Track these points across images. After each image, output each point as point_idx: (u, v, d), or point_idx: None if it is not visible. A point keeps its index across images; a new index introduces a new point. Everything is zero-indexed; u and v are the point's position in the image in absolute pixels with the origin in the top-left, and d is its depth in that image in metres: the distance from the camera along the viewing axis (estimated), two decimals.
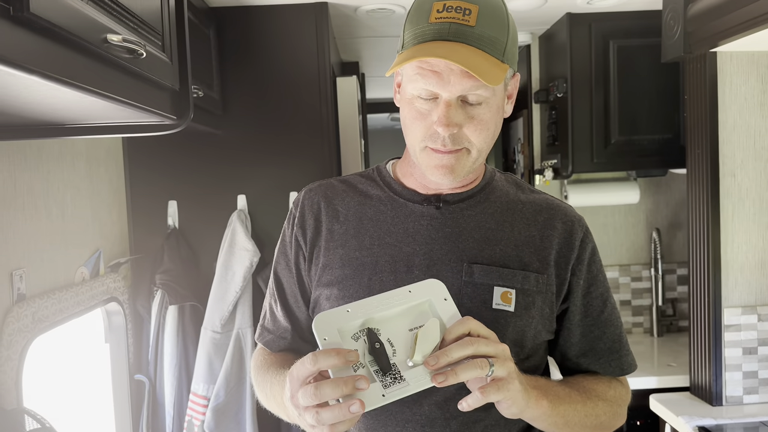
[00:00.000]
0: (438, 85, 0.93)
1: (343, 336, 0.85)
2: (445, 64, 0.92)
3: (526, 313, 1.02)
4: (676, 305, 2.83)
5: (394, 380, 0.83)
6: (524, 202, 1.10)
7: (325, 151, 2.10)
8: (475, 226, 1.05)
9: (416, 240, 1.04)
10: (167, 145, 2.07)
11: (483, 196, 1.09)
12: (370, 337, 0.85)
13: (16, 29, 0.67)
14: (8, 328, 1.30)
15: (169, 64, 1.14)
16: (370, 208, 1.09)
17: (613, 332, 1.10)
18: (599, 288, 1.09)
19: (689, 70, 2.05)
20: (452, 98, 0.94)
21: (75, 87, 0.80)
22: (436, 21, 0.93)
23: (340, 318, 0.86)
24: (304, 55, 2.09)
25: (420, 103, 0.97)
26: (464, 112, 0.95)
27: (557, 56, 2.57)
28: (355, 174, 1.17)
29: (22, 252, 1.41)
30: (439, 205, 1.06)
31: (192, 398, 1.97)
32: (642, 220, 2.85)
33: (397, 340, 0.87)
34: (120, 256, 1.97)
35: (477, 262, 1.02)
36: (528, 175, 2.91)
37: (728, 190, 1.98)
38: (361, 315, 0.86)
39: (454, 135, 0.95)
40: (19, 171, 1.42)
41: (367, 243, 1.05)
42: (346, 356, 0.80)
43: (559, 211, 1.10)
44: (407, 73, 0.98)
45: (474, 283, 1.01)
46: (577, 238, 1.08)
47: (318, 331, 0.84)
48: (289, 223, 1.13)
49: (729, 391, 2.00)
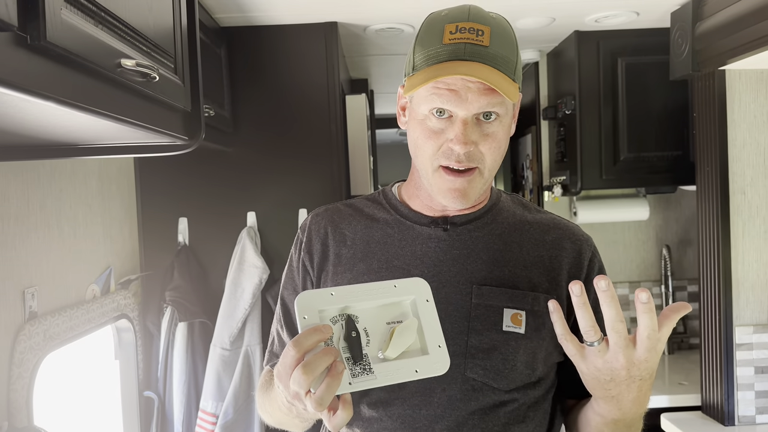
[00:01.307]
0: (456, 103, 0.94)
1: (322, 318, 0.85)
2: (462, 83, 0.93)
3: (536, 335, 1.01)
4: (686, 322, 2.81)
5: (363, 371, 0.83)
6: (531, 223, 1.10)
7: (334, 168, 2.12)
8: (483, 247, 1.05)
9: (424, 262, 1.04)
10: (178, 162, 2.09)
11: (490, 217, 1.09)
12: (348, 324, 0.86)
13: (33, 57, 0.68)
14: (20, 346, 1.31)
15: (181, 86, 1.15)
16: (378, 231, 1.09)
17: None
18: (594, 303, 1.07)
19: (698, 88, 2.05)
20: (469, 116, 0.95)
21: (89, 111, 0.81)
22: (451, 42, 0.94)
23: (322, 300, 0.86)
24: (313, 73, 2.11)
25: (433, 122, 0.97)
26: (479, 130, 0.96)
27: (565, 73, 2.58)
28: (361, 198, 1.17)
29: (35, 270, 1.42)
30: (447, 227, 1.06)
31: (201, 415, 1.97)
32: (652, 237, 2.84)
33: (373, 332, 0.87)
34: (130, 273, 1.99)
35: (486, 283, 1.02)
36: (537, 192, 2.91)
37: (738, 208, 1.97)
38: (343, 300, 0.87)
39: (470, 153, 0.96)
40: (33, 189, 1.43)
41: (375, 266, 1.05)
42: (323, 332, 0.80)
43: (567, 231, 1.10)
44: (420, 93, 0.98)
45: (484, 305, 1.01)
46: (585, 258, 1.08)
47: (299, 309, 0.84)
48: (296, 249, 1.14)
49: (741, 410, 1.98)
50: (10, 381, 1.28)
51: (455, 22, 0.95)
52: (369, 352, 0.86)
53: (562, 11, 2.16)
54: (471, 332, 0.99)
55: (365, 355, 0.85)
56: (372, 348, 0.86)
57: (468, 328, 1.00)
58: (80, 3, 0.76)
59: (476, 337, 0.99)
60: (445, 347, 0.89)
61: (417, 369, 0.87)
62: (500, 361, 0.99)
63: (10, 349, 1.29)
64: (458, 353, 0.99)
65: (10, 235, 1.33)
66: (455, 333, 0.99)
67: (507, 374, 0.99)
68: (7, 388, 1.28)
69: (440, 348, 0.88)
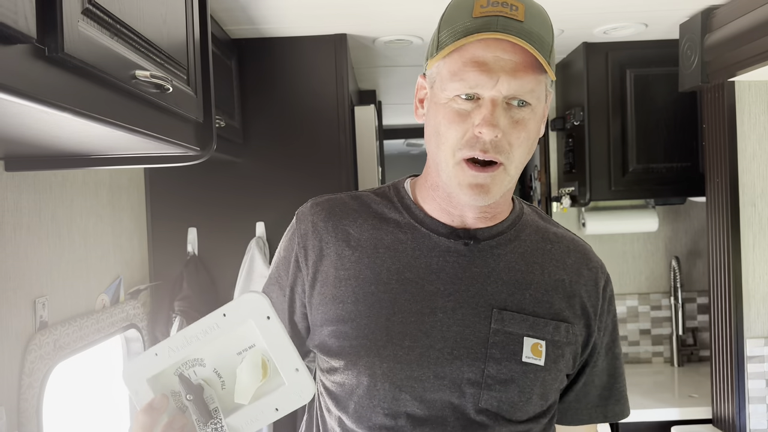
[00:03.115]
0: (486, 83, 0.85)
1: (157, 387, 0.77)
2: (494, 58, 0.85)
3: (554, 367, 0.95)
4: (696, 334, 2.79)
5: (216, 431, 0.76)
6: (553, 242, 1.02)
7: (343, 178, 2.12)
8: (505, 267, 0.96)
9: (440, 278, 0.94)
10: (188, 173, 2.09)
11: (514, 234, 0.99)
12: (183, 383, 0.76)
13: (51, 69, 0.69)
14: (30, 355, 1.32)
15: (193, 98, 1.16)
16: (387, 234, 0.97)
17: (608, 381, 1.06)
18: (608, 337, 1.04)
19: (707, 100, 2.05)
20: (499, 98, 0.86)
21: (104, 122, 0.82)
22: (482, 15, 0.85)
23: (147, 365, 0.77)
24: (323, 84, 2.12)
25: (459, 104, 0.87)
26: (508, 116, 0.87)
27: (574, 84, 2.59)
28: (369, 191, 1.05)
29: (45, 279, 1.43)
30: (469, 241, 0.96)
31: None
32: (661, 248, 2.83)
33: (225, 369, 0.78)
34: (140, 282, 1.99)
35: (507, 308, 0.94)
36: (545, 203, 2.91)
37: (749, 220, 1.96)
38: (175, 354, 0.78)
39: (497, 141, 0.86)
40: (44, 200, 1.44)
41: (384, 277, 0.95)
42: (157, 408, 0.73)
43: (584, 255, 1.03)
44: (445, 74, 0.89)
45: (504, 331, 0.93)
46: (600, 286, 1.02)
47: (127, 384, 0.76)
48: (289, 240, 1.02)
49: (753, 424, 1.96)
50: (20, 390, 1.29)
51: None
52: (224, 398, 0.77)
53: (570, 23, 2.16)
54: (489, 360, 0.92)
55: (214, 410, 0.76)
56: (228, 391, 0.77)
57: (486, 355, 0.92)
58: (97, 15, 0.77)
59: (494, 367, 0.92)
60: (304, 368, 0.77)
61: (277, 407, 0.77)
62: (516, 393, 0.93)
63: (20, 359, 1.30)
64: (474, 381, 0.91)
65: (21, 245, 1.34)
66: (471, 359, 0.92)
67: (522, 407, 0.93)
68: (18, 398, 1.28)
69: (298, 371, 0.77)
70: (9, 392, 1.26)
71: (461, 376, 0.92)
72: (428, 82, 0.94)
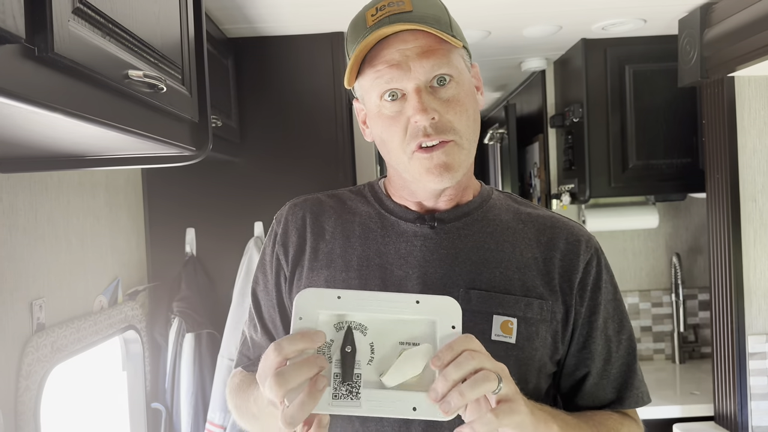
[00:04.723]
0: (400, 77, 0.89)
1: (320, 323, 0.77)
2: (400, 54, 0.89)
3: (528, 345, 0.94)
4: (698, 331, 2.78)
5: (349, 393, 0.75)
6: (525, 221, 1.01)
7: (341, 176, 2.11)
8: (473, 246, 0.97)
9: (408, 262, 0.96)
10: (185, 173, 2.09)
11: (480, 214, 1.01)
12: (347, 336, 0.76)
13: (40, 69, 0.68)
14: (27, 358, 1.31)
15: (188, 97, 1.15)
16: (359, 225, 1.01)
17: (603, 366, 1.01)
18: (599, 318, 0.99)
19: (707, 95, 2.04)
20: (420, 84, 0.89)
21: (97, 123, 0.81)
22: (374, 22, 0.90)
23: (326, 301, 0.77)
24: (320, 83, 2.11)
25: (388, 108, 0.92)
26: (437, 98, 0.90)
27: (573, 81, 2.57)
28: (345, 189, 1.10)
29: (42, 281, 1.42)
30: (434, 224, 0.98)
31: (208, 427, 1.96)
32: (661, 245, 2.82)
33: (380, 349, 0.77)
34: (138, 283, 1.98)
35: (475, 287, 0.94)
36: (545, 200, 2.90)
37: (749, 216, 1.95)
38: (351, 306, 0.78)
39: (436, 123, 0.89)
40: (40, 201, 1.44)
41: (354, 264, 0.98)
42: (313, 339, 0.73)
43: (564, 229, 1.01)
44: (366, 85, 0.93)
45: (471, 311, 0.92)
46: (582, 259, 0.99)
47: (297, 307, 0.76)
48: (270, 241, 1.05)
49: (755, 421, 1.95)
50: (17, 393, 1.28)
51: (374, 5, 0.92)
52: (366, 372, 0.76)
53: (569, 19, 2.15)
54: None
55: (357, 375, 0.75)
56: (372, 368, 0.76)
57: None
58: (88, 14, 0.76)
59: None
60: None
61: (415, 406, 0.74)
62: None
63: (17, 361, 1.29)
64: None
65: (18, 246, 1.33)
66: None
67: None
68: (15, 400, 1.27)
69: None
70: (6, 395, 1.25)
71: None
72: (361, 103, 0.99)
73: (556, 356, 0.99)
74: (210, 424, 1.96)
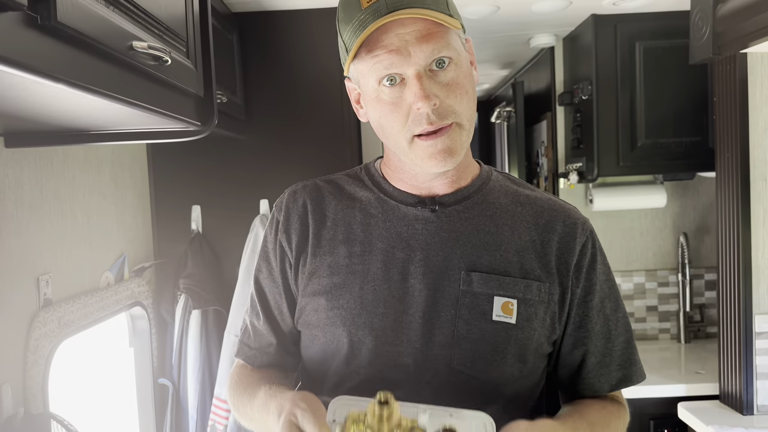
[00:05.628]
0: (400, 62, 0.88)
1: None
2: (399, 39, 0.87)
3: (527, 325, 0.96)
4: (703, 311, 2.77)
5: None
6: (524, 204, 1.03)
7: (347, 153, 2.10)
8: (474, 229, 0.99)
9: (411, 245, 0.98)
10: (191, 150, 2.08)
11: (480, 197, 1.02)
12: None
13: (43, 38, 0.67)
14: (35, 332, 1.31)
15: (193, 71, 1.14)
16: (359, 211, 1.02)
17: (605, 345, 1.03)
18: (595, 298, 1.01)
19: (718, 72, 2.01)
20: (420, 69, 0.88)
21: (101, 94, 0.80)
22: (369, 4, 0.88)
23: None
24: (325, 58, 2.08)
25: (387, 93, 0.91)
26: (437, 82, 0.90)
27: (582, 58, 2.54)
28: (341, 174, 1.10)
29: (49, 257, 1.42)
30: (435, 207, 0.99)
31: (215, 402, 1.97)
32: (669, 225, 2.80)
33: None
34: (144, 260, 1.99)
35: (476, 269, 0.96)
36: (552, 179, 2.88)
37: (759, 195, 1.93)
38: None
39: (438, 109, 0.89)
40: (46, 177, 1.43)
41: (357, 249, 0.99)
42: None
43: (561, 212, 1.03)
44: (363, 70, 0.92)
45: (473, 292, 0.95)
46: (578, 242, 1.01)
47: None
48: (272, 228, 1.06)
49: (761, 399, 1.95)
50: (25, 367, 1.29)
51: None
52: None
53: None
54: (458, 321, 0.94)
55: None
56: None
57: (455, 316, 0.94)
58: None
59: (464, 327, 0.94)
60: None
61: None
62: (489, 352, 0.94)
63: (25, 336, 1.30)
64: (444, 343, 0.94)
65: (23, 221, 1.33)
66: (442, 322, 0.94)
67: (496, 366, 0.94)
68: (23, 375, 1.28)
69: None
70: (14, 369, 1.26)
71: (433, 339, 0.94)
72: (354, 83, 0.98)
73: (552, 337, 1.01)
74: (217, 399, 1.97)
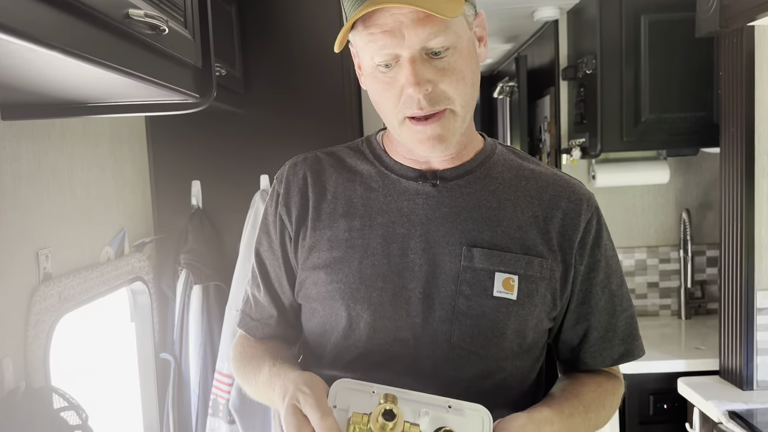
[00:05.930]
0: (393, 44, 0.85)
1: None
2: (394, 20, 0.85)
3: (528, 301, 0.95)
4: (705, 287, 2.78)
5: None
6: (528, 178, 1.01)
7: (348, 129, 2.08)
8: (475, 204, 0.97)
9: (411, 220, 0.97)
10: (190, 124, 2.05)
11: (483, 172, 1.00)
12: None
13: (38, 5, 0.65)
14: (35, 307, 1.31)
15: (191, 41, 1.12)
16: (360, 185, 1.01)
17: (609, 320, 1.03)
18: (600, 274, 1.01)
19: (725, 46, 1.98)
20: (414, 53, 0.86)
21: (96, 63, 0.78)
22: None
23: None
24: (326, 30, 2.05)
25: (381, 73, 0.89)
26: (432, 67, 0.87)
27: (586, 32, 2.51)
28: (343, 146, 1.08)
29: (48, 231, 1.41)
30: (436, 182, 0.98)
31: (217, 377, 1.98)
32: (671, 201, 2.79)
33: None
34: (144, 235, 1.98)
35: (477, 245, 0.95)
36: (555, 155, 2.86)
37: (764, 170, 1.91)
38: None
39: (430, 94, 0.87)
40: (44, 151, 1.41)
41: (357, 224, 0.98)
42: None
43: (566, 187, 1.01)
44: (359, 44, 0.91)
45: (474, 268, 0.94)
46: (583, 219, 0.99)
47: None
48: (272, 201, 1.05)
49: (761, 375, 1.96)
50: (26, 342, 1.29)
51: None
52: None
53: None
54: (459, 296, 0.94)
55: None
56: None
57: (456, 292, 0.94)
58: None
59: (464, 302, 0.94)
60: None
61: None
62: (489, 327, 0.94)
63: (25, 311, 1.29)
64: (445, 318, 0.94)
65: (21, 195, 1.32)
66: (443, 297, 0.94)
67: (496, 342, 0.94)
68: (24, 349, 1.28)
69: None
70: (15, 343, 1.26)
71: (433, 314, 0.94)
72: (354, 50, 0.96)
73: (553, 313, 1.00)
74: (219, 374, 1.98)
